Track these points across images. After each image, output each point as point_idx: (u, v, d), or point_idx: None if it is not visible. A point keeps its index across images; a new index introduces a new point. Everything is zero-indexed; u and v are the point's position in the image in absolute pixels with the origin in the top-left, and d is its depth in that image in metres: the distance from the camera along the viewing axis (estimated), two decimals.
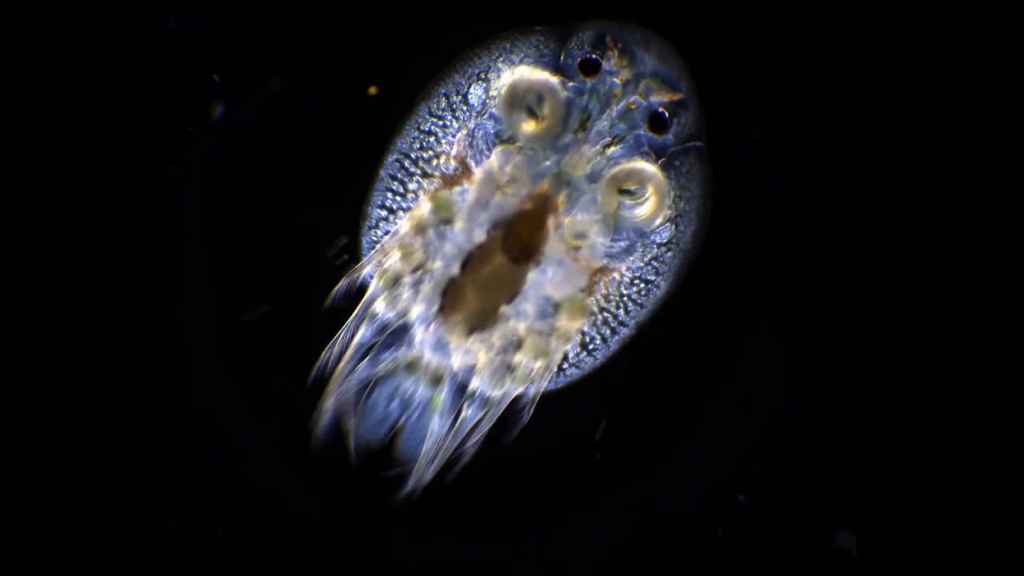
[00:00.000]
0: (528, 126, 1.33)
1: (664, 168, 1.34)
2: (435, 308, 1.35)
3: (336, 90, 1.44)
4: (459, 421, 1.37)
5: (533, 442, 1.38)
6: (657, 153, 1.35)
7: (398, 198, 1.37)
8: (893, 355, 1.22)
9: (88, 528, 1.19)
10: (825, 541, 1.47)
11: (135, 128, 1.23)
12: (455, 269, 1.34)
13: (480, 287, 1.34)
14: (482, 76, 1.35)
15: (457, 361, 1.36)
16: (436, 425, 1.37)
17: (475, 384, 1.36)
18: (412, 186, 1.37)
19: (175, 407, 1.35)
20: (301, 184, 1.44)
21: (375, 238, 1.38)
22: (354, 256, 1.40)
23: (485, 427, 1.36)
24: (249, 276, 1.45)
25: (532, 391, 1.36)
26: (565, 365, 1.38)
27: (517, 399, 1.36)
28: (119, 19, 1.23)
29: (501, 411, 1.36)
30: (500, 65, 1.35)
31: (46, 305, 1.19)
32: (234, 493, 1.46)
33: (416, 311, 1.36)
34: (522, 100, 1.33)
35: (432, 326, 1.36)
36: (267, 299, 1.44)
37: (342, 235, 1.41)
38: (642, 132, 1.34)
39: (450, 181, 1.35)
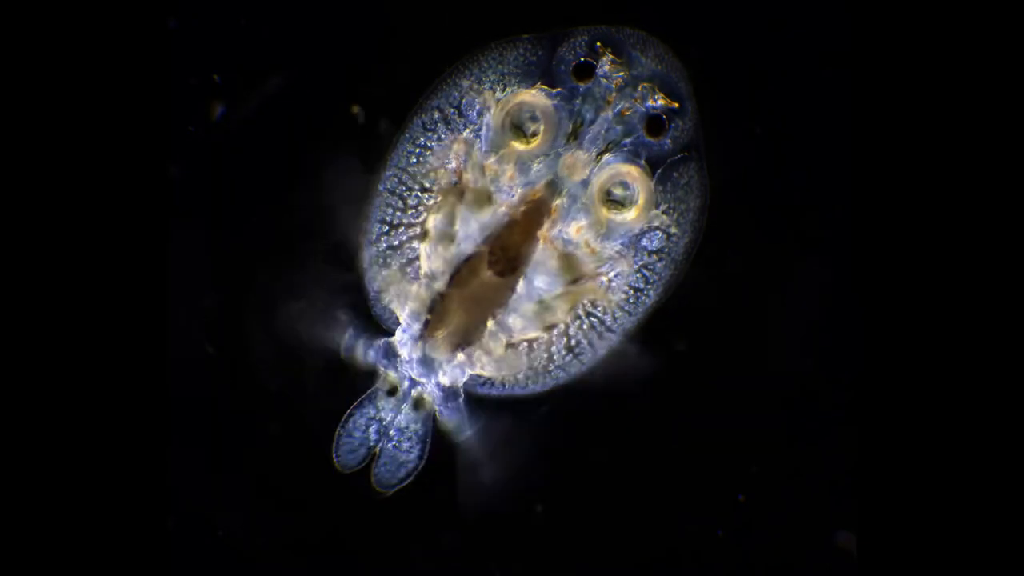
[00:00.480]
0: (519, 144, 1.32)
1: (661, 179, 1.34)
2: (420, 325, 1.35)
3: (336, 90, 1.44)
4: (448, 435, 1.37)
5: (530, 443, 1.38)
6: (655, 162, 1.34)
7: (398, 213, 1.37)
8: (893, 355, 1.22)
9: (88, 528, 1.20)
10: (825, 541, 1.47)
11: (135, 128, 1.23)
12: (442, 284, 1.34)
13: (466, 302, 1.33)
14: (473, 87, 1.34)
15: (444, 378, 1.36)
16: (417, 451, 1.37)
17: (464, 398, 1.36)
18: (412, 201, 1.36)
19: (175, 407, 1.35)
20: (301, 183, 1.44)
21: (375, 252, 1.38)
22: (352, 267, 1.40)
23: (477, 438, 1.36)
24: (249, 276, 1.46)
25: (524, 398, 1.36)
26: (551, 368, 1.38)
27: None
28: (119, 19, 1.23)
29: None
30: (490, 75, 1.34)
31: (45, 305, 1.19)
32: (234, 493, 1.46)
33: (402, 326, 1.35)
34: (510, 122, 1.31)
35: (419, 343, 1.35)
36: (266, 299, 1.44)
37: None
38: (639, 137, 1.33)
39: (449, 195, 1.34)
